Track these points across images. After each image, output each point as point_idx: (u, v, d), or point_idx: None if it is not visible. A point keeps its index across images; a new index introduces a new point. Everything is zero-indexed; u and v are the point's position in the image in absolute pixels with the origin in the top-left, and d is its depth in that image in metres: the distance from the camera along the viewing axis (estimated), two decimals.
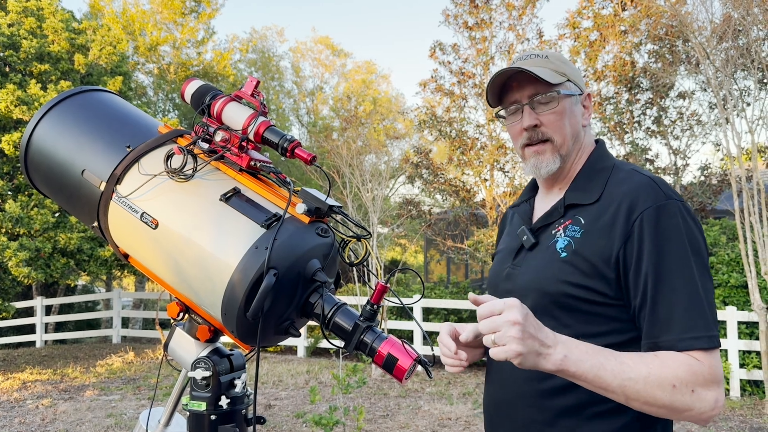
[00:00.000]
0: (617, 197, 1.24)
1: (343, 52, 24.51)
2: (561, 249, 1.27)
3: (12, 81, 9.89)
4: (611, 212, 1.23)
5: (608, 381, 1.10)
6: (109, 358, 10.33)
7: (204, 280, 1.37)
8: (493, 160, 11.34)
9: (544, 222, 1.36)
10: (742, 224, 7.01)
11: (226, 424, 1.43)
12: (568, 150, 1.35)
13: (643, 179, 1.25)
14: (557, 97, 1.33)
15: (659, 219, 1.19)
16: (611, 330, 1.22)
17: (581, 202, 1.30)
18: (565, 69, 1.36)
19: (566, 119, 1.34)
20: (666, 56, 9.89)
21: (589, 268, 1.22)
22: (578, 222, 1.27)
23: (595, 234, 1.23)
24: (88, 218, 1.60)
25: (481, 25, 11.57)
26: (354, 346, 1.34)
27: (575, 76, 1.37)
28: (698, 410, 1.11)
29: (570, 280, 1.23)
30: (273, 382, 8.08)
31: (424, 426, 5.97)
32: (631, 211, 1.20)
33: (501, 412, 1.36)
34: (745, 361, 7.30)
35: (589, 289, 1.22)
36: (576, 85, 1.37)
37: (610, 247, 1.20)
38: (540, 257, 1.32)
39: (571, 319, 1.24)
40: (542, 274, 1.29)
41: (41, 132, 1.61)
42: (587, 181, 1.33)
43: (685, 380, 1.10)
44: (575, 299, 1.23)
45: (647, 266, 1.17)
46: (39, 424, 6.16)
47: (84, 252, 10.00)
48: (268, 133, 1.51)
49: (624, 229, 1.20)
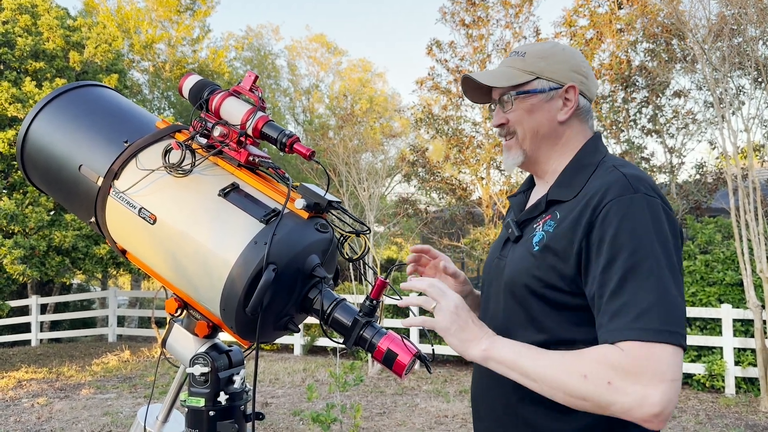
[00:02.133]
0: (589, 192, 1.24)
1: (338, 50, 24.50)
2: (535, 243, 1.28)
3: (7, 78, 9.84)
4: (581, 206, 1.23)
5: (525, 368, 1.14)
6: (105, 357, 10.31)
7: (202, 276, 1.36)
8: (490, 159, 11.35)
9: (528, 215, 1.37)
10: (738, 222, 7.03)
11: (225, 420, 1.42)
12: (532, 146, 1.37)
13: (616, 175, 1.23)
14: (512, 98, 1.37)
15: (621, 211, 1.16)
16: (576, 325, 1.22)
17: (561, 199, 1.30)
18: (537, 66, 1.35)
19: (529, 117, 1.36)
20: (662, 54, 9.91)
21: (556, 261, 1.22)
22: (555, 217, 1.28)
23: (564, 228, 1.23)
24: (85, 214, 1.59)
25: (478, 22, 11.58)
26: (353, 342, 1.34)
27: (553, 71, 1.35)
28: (622, 405, 1.05)
29: (537, 274, 1.24)
30: (270, 380, 8.08)
31: (421, 423, 5.97)
32: (598, 202, 1.19)
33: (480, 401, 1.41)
34: (740, 358, 7.33)
35: (552, 286, 1.22)
36: (551, 80, 1.35)
37: (576, 237, 1.20)
38: (519, 250, 1.33)
39: (538, 313, 1.25)
40: (518, 266, 1.30)
41: (37, 128, 1.60)
42: (571, 177, 1.33)
43: (596, 370, 1.07)
44: (540, 294, 1.24)
45: (603, 255, 1.15)
46: (35, 423, 6.14)
47: (79, 250, 9.96)
48: (267, 128, 1.50)
49: (588, 219, 1.19)
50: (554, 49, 1.39)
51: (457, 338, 1.19)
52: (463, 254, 12.01)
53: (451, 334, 1.19)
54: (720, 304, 7.54)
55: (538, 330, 1.25)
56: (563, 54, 1.38)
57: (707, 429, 5.82)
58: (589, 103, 1.41)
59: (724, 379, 7.28)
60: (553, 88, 1.36)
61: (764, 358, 6.57)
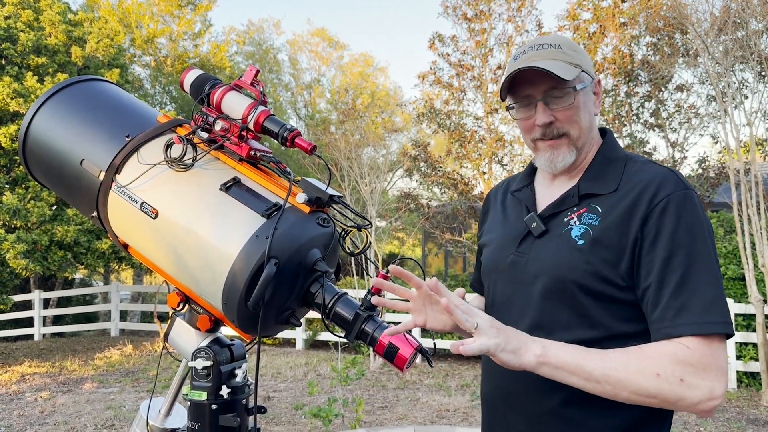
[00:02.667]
0: (637, 185, 1.23)
1: (339, 44, 24.42)
2: (577, 237, 1.25)
3: (9, 73, 9.84)
4: (630, 199, 1.22)
5: (590, 370, 1.10)
6: (108, 351, 10.34)
7: (204, 270, 1.37)
8: (492, 153, 11.34)
9: (554, 209, 1.32)
10: (740, 217, 7.02)
11: (227, 414, 1.43)
12: (584, 142, 1.34)
13: (663, 169, 1.25)
14: (572, 93, 1.29)
15: (679, 206, 1.18)
16: (624, 320, 1.21)
17: (599, 192, 1.28)
18: (578, 59, 1.32)
19: (582, 113, 1.31)
20: (664, 48, 9.87)
21: (609, 254, 1.20)
22: (595, 210, 1.26)
23: (614, 221, 1.22)
24: (87, 208, 1.59)
25: (480, 16, 11.54)
26: (355, 336, 1.34)
27: (587, 64, 1.34)
28: (691, 400, 1.09)
29: (588, 268, 1.21)
30: (272, 374, 8.10)
31: (423, 417, 5.99)
32: (654, 196, 1.19)
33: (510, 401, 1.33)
34: (742, 353, 7.33)
35: (605, 278, 1.20)
36: (588, 74, 1.33)
37: (630, 230, 1.20)
38: (553, 245, 1.28)
39: (586, 308, 1.22)
40: (558, 261, 1.26)
41: (39, 122, 1.60)
42: (601, 170, 1.31)
43: (669, 369, 1.09)
44: (591, 288, 1.21)
45: (661, 249, 1.16)
46: (38, 417, 6.17)
47: (81, 245, 9.98)
48: (268, 123, 1.50)
49: (644, 212, 1.19)
50: (574, 43, 1.37)
51: (509, 351, 1.10)
52: (465, 249, 11.99)
53: (503, 349, 1.09)
54: None
55: (589, 326, 1.22)
56: (581, 48, 1.37)
57: (709, 423, 5.83)
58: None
59: None
60: (590, 81, 1.35)
61: (766, 352, 6.57)
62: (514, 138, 11.58)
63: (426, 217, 12.07)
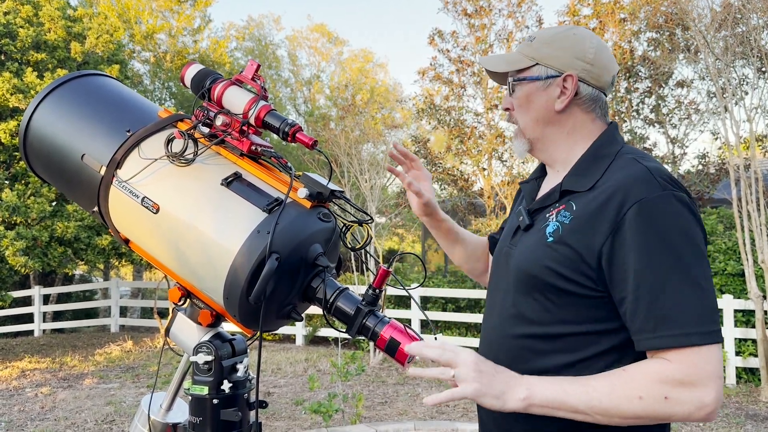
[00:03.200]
0: (610, 186, 1.20)
1: (339, 39, 24.39)
2: (549, 233, 1.25)
3: (8, 69, 9.82)
4: (600, 200, 1.19)
5: (575, 404, 1.10)
6: (108, 347, 10.35)
7: (206, 265, 1.37)
8: (492, 149, 11.34)
9: (540, 204, 1.33)
10: (740, 213, 7.03)
11: (229, 408, 1.43)
12: (535, 135, 1.35)
13: (639, 169, 1.20)
14: (514, 84, 1.36)
15: (652, 213, 1.14)
16: (591, 318, 1.20)
17: (576, 189, 1.26)
18: (541, 52, 1.32)
19: (527, 105, 1.34)
20: (665, 44, 9.86)
21: (571, 255, 1.19)
22: (570, 208, 1.24)
23: (582, 222, 1.20)
24: (88, 203, 1.59)
25: (480, 12, 11.52)
26: (356, 331, 1.34)
27: (554, 57, 1.31)
28: (681, 414, 1.08)
29: (550, 265, 1.21)
30: (272, 370, 8.11)
31: (423, 413, 6.00)
32: (623, 202, 1.15)
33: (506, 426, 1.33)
34: (741, 348, 7.34)
35: (567, 278, 1.19)
36: (551, 67, 1.31)
37: (595, 236, 1.17)
38: (530, 239, 1.30)
39: (551, 304, 1.23)
40: (528, 256, 1.27)
41: (40, 117, 1.60)
42: (587, 167, 1.29)
43: (653, 390, 1.08)
44: (554, 285, 1.21)
45: (633, 261, 1.13)
46: (38, 412, 6.18)
47: (81, 241, 9.98)
48: (269, 118, 1.50)
49: (613, 220, 1.15)
50: (563, 35, 1.34)
51: (492, 396, 1.12)
52: None
53: (484, 395, 1.11)
54: (721, 295, 7.54)
55: (556, 322, 1.22)
56: (571, 40, 1.33)
57: None
58: (597, 92, 1.33)
59: (724, 369, 7.30)
60: (551, 75, 1.31)
61: (765, 348, 6.58)
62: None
63: None
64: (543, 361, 1.23)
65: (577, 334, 1.21)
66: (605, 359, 1.20)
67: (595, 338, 1.20)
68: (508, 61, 1.37)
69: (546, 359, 1.23)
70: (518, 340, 1.27)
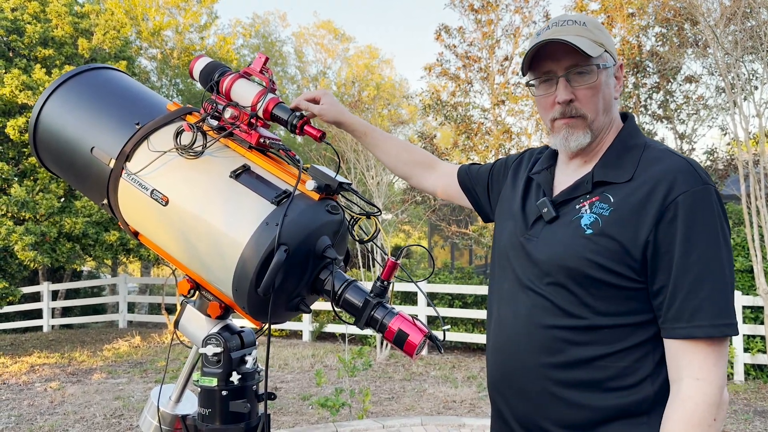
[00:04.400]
0: (652, 177, 1.20)
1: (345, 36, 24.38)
2: (586, 225, 1.23)
3: (17, 66, 9.87)
4: (644, 192, 1.19)
5: None
6: (116, 343, 10.41)
7: (215, 257, 1.37)
8: (498, 145, 11.30)
9: (568, 196, 1.31)
10: (749, 209, 6.98)
11: (238, 400, 1.44)
12: (599, 125, 1.31)
13: (680, 161, 1.22)
14: (596, 71, 1.27)
15: (696, 205, 1.16)
16: (628, 311, 1.21)
17: (612, 180, 1.26)
18: (602, 38, 1.29)
19: (601, 94, 1.29)
20: (673, 39, 9.80)
21: (615, 247, 1.19)
22: (607, 200, 1.24)
23: (625, 213, 1.20)
24: (98, 196, 1.60)
25: (487, 7, 11.48)
26: (364, 323, 1.35)
27: (611, 46, 1.31)
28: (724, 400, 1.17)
29: (593, 258, 1.20)
30: (279, 365, 8.13)
31: (429, 408, 6.01)
32: (668, 193, 1.17)
33: (509, 382, 1.34)
34: (749, 345, 7.30)
35: (610, 270, 1.19)
36: (611, 56, 1.31)
37: (641, 227, 1.18)
38: (562, 232, 1.27)
39: (589, 296, 1.22)
40: (564, 249, 1.25)
41: (49, 111, 1.60)
42: (618, 157, 1.29)
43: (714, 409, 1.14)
44: (594, 278, 1.21)
45: (678, 251, 1.16)
46: (48, 407, 6.22)
47: (89, 236, 10.02)
48: (277, 110, 1.51)
49: (658, 210, 1.17)
50: (598, 23, 1.33)
51: None
52: (472, 241, 11.99)
53: None
54: None
55: (589, 313, 1.22)
56: (605, 30, 1.34)
57: None
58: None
59: (733, 365, 7.26)
60: (614, 63, 1.32)
61: None
62: (521, 130, 11.54)
63: (432, 210, 12.06)
64: (578, 351, 1.23)
65: (612, 327, 1.22)
66: (639, 351, 1.22)
67: (630, 330, 1.21)
68: (590, 47, 1.25)
69: (581, 350, 1.23)
70: (551, 331, 1.26)
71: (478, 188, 1.66)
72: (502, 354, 1.35)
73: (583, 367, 1.23)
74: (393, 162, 1.77)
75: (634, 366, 1.21)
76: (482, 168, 1.68)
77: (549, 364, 1.24)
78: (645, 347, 1.22)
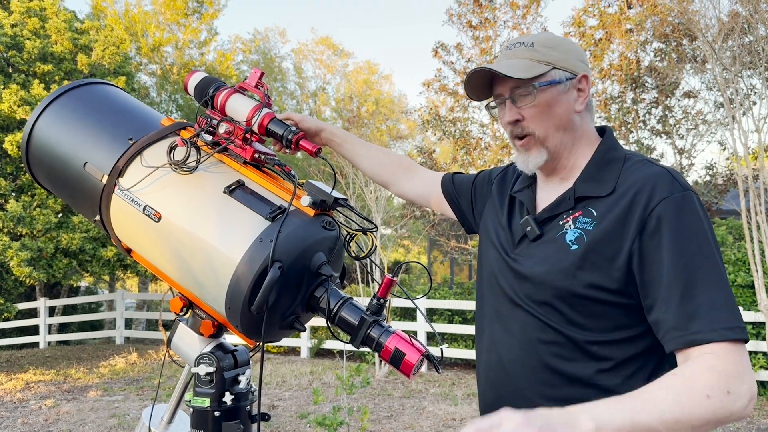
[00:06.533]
0: (631, 187, 1.19)
1: (344, 52, 24.50)
2: (571, 241, 1.22)
3: (15, 81, 9.89)
4: (625, 203, 1.18)
5: (647, 422, 1.01)
6: (113, 359, 10.32)
7: (208, 274, 1.34)
8: (497, 160, 11.31)
9: (551, 213, 1.30)
10: (749, 224, 6.96)
11: (230, 421, 1.40)
12: (555, 142, 1.30)
13: (658, 169, 1.21)
14: (533, 91, 1.28)
15: (678, 211, 1.14)
16: (616, 326, 1.19)
17: (594, 194, 1.24)
18: (551, 56, 1.29)
19: (549, 111, 1.29)
20: (672, 55, 9.84)
21: (600, 261, 1.18)
22: (590, 214, 1.22)
23: (608, 226, 1.19)
24: (90, 212, 1.57)
25: (485, 24, 11.55)
26: (360, 341, 1.31)
27: (565, 60, 1.30)
28: (738, 409, 1.04)
29: (579, 274, 1.19)
30: (276, 382, 8.06)
31: (429, 427, 5.94)
32: (648, 201, 1.15)
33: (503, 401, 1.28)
34: (751, 361, 7.24)
35: (595, 286, 1.18)
36: (566, 70, 1.30)
37: (625, 238, 1.16)
38: (547, 249, 1.26)
39: (577, 314, 1.20)
40: (551, 266, 1.23)
41: (42, 126, 1.59)
42: (598, 171, 1.28)
43: (716, 385, 1.03)
44: (581, 295, 1.19)
45: (666, 259, 1.12)
46: (42, 425, 6.15)
47: (86, 252, 9.98)
48: (273, 125, 1.49)
49: (640, 220, 1.15)
50: (560, 39, 1.34)
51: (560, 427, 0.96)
52: (471, 256, 11.95)
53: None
54: None
55: (577, 330, 1.20)
56: (568, 44, 1.34)
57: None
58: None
59: None
60: (569, 78, 1.30)
61: None
62: None
63: (431, 225, 12.04)
64: (569, 368, 1.21)
65: (601, 343, 1.20)
66: (630, 366, 1.19)
67: (620, 346, 1.19)
68: (525, 68, 1.28)
69: (572, 366, 1.21)
70: (542, 348, 1.24)
71: (461, 199, 1.64)
72: (494, 373, 1.34)
73: (575, 385, 1.21)
74: (373, 167, 1.76)
75: (627, 382, 1.18)
76: (465, 179, 1.66)
77: (541, 381, 1.22)
78: (637, 362, 1.20)
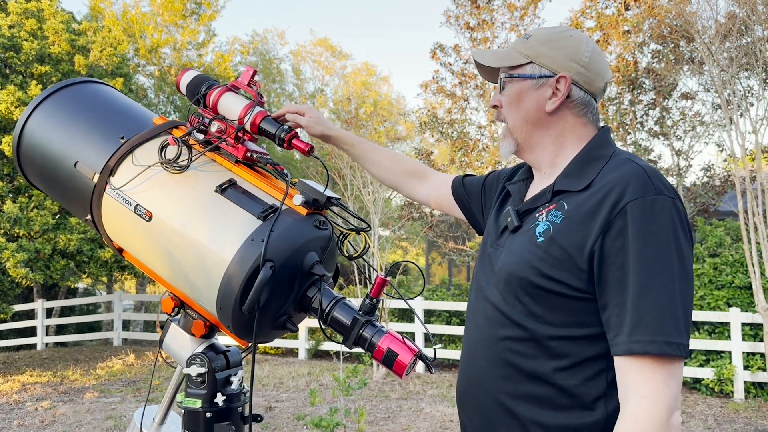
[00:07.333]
0: (606, 185, 1.17)
1: (342, 53, 24.51)
2: (539, 233, 1.21)
3: (13, 82, 9.87)
4: (597, 199, 1.16)
5: None
6: (110, 361, 10.29)
7: (199, 274, 1.33)
8: (495, 162, 11.31)
9: (530, 205, 1.30)
10: (746, 225, 6.96)
11: (222, 422, 1.39)
12: (523, 136, 1.32)
13: (636, 168, 1.17)
14: (503, 81, 1.33)
15: (645, 214, 1.11)
16: (576, 322, 1.17)
17: (569, 189, 1.23)
18: (535, 50, 1.29)
19: (517, 104, 1.31)
20: (669, 56, 9.85)
21: (562, 255, 1.16)
22: (561, 207, 1.21)
23: (574, 221, 1.17)
24: (81, 211, 1.56)
25: (483, 25, 11.55)
26: (353, 341, 1.30)
27: (550, 57, 1.28)
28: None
29: (538, 266, 1.18)
30: (274, 384, 8.04)
31: (426, 428, 5.92)
32: (617, 201, 1.13)
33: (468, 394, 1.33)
34: (749, 363, 7.24)
35: (555, 279, 1.16)
36: (545, 67, 1.28)
37: (588, 235, 1.14)
38: (519, 241, 1.26)
39: (537, 306, 1.19)
40: (518, 257, 1.23)
41: (33, 125, 1.57)
42: (580, 168, 1.26)
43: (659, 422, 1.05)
44: (540, 287, 1.18)
45: (624, 262, 1.10)
46: (38, 427, 6.12)
47: (84, 253, 9.95)
48: (265, 124, 1.48)
49: (606, 219, 1.13)
50: (560, 35, 1.31)
51: None
52: (469, 258, 11.94)
53: None
54: (728, 308, 7.46)
55: (540, 323, 1.19)
56: (568, 41, 1.30)
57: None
58: (589, 97, 1.30)
59: (732, 383, 7.19)
60: (544, 75, 1.28)
61: None
62: None
63: (429, 226, 12.03)
64: (528, 364, 1.20)
65: (560, 338, 1.17)
66: (590, 368, 1.16)
67: (579, 343, 1.16)
68: (500, 57, 1.34)
69: (531, 362, 1.19)
70: (502, 342, 1.23)
71: (472, 201, 1.64)
72: (465, 365, 1.34)
73: (534, 382, 1.19)
74: (383, 173, 1.75)
75: (586, 384, 1.16)
76: (475, 181, 1.65)
77: (501, 376, 1.21)
78: (596, 364, 1.16)
